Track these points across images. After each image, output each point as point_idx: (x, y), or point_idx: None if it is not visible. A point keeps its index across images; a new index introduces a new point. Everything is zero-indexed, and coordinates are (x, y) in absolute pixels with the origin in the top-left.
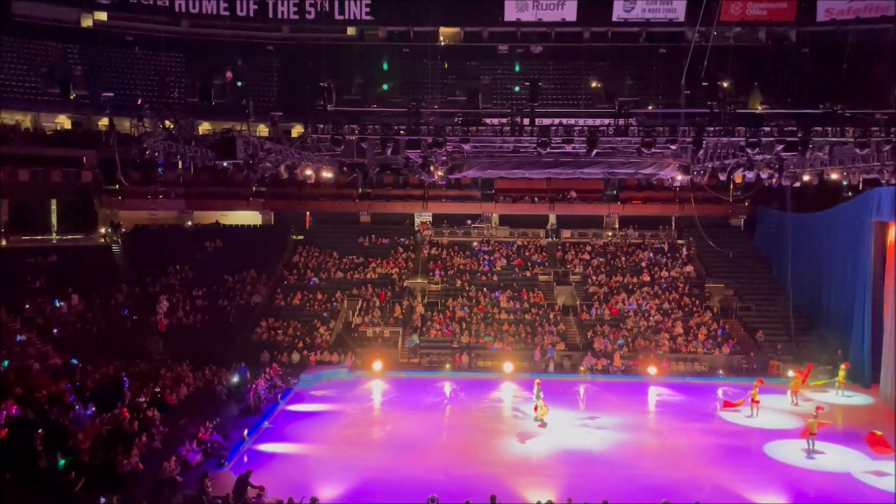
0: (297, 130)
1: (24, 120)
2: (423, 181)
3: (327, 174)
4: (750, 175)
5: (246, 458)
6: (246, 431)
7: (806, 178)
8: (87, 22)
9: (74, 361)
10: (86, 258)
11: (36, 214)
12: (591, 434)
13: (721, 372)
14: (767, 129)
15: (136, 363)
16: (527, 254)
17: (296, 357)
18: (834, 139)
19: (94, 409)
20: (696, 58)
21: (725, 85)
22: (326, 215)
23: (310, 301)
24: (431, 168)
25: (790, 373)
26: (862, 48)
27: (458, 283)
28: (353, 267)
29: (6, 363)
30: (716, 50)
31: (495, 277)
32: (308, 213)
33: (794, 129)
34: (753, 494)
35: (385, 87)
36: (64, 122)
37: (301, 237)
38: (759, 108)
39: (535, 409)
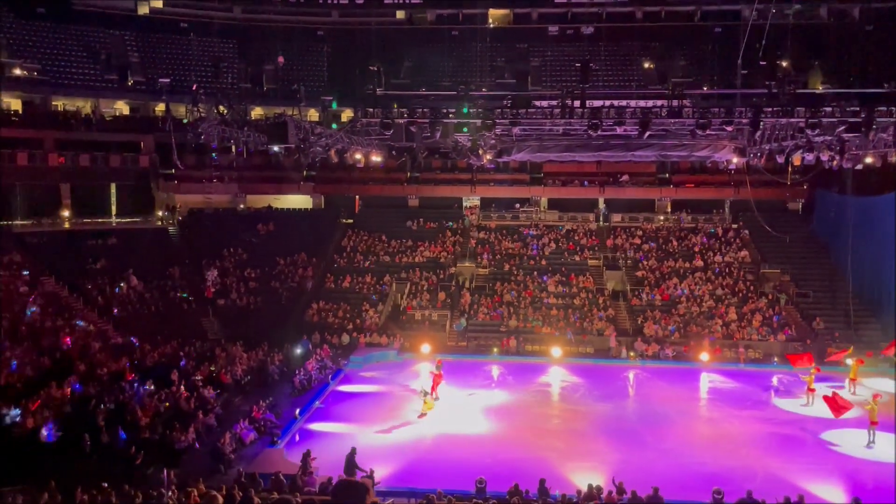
0: (346, 115)
1: (85, 106)
2: (471, 165)
3: (376, 158)
4: (809, 157)
5: (298, 437)
6: (298, 411)
7: (868, 160)
8: (143, 9)
9: (133, 340)
10: (144, 240)
11: (96, 198)
12: (640, 421)
13: (776, 359)
14: (828, 109)
15: (192, 342)
16: (576, 238)
17: (346, 339)
18: None
19: (152, 386)
20: (754, 37)
21: (784, 64)
22: (375, 199)
23: (359, 284)
24: (480, 151)
25: (848, 361)
26: None
27: (506, 267)
28: (402, 250)
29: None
30: (774, 28)
31: (543, 262)
32: (357, 197)
33: (857, 109)
34: (808, 484)
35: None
36: (122, 107)
37: (350, 221)
38: (820, 88)
39: (433, 389)
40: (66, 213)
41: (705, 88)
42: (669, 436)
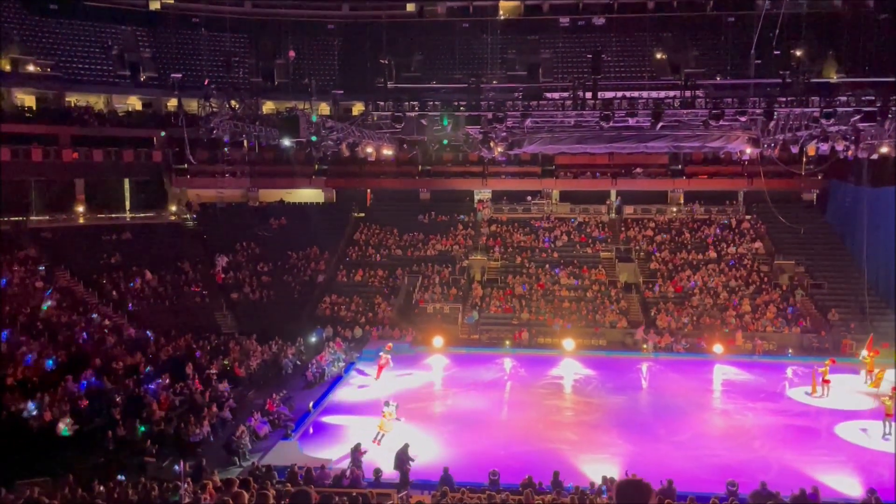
0: (357, 108)
1: (98, 102)
2: (482, 158)
3: (388, 151)
4: (824, 147)
5: (311, 430)
6: (311, 403)
7: (884, 150)
8: (154, 5)
9: (148, 334)
10: (158, 235)
11: (110, 193)
12: (654, 413)
13: (790, 351)
14: (843, 98)
15: (206, 336)
16: (588, 230)
17: (358, 332)
18: None
19: (167, 380)
20: (768, 26)
21: (798, 54)
22: (387, 193)
23: (371, 277)
24: (491, 144)
25: (864, 352)
26: None
27: (518, 259)
28: (414, 244)
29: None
30: (788, 17)
31: (555, 254)
32: (369, 190)
33: (872, 98)
34: (823, 476)
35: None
36: (135, 103)
37: (362, 214)
38: (835, 77)
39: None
40: (80, 209)
41: (718, 78)
42: (683, 428)
